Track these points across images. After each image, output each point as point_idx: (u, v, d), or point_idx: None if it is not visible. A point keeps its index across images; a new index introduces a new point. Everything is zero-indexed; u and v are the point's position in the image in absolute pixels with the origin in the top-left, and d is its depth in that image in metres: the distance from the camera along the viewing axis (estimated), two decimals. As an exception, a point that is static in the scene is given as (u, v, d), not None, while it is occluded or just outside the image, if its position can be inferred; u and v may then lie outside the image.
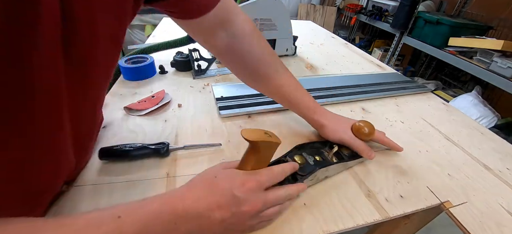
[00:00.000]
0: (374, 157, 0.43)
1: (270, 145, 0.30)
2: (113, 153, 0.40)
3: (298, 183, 0.35)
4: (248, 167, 0.30)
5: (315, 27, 1.36)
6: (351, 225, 0.34)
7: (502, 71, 1.46)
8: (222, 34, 0.42)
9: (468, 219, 0.37)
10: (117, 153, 0.40)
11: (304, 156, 0.39)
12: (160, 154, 0.41)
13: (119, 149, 0.40)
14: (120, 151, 0.39)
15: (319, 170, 0.37)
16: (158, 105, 0.53)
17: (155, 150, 0.40)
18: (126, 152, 0.40)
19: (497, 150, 0.53)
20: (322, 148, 0.43)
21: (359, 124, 0.43)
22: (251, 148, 0.29)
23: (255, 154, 0.29)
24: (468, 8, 2.08)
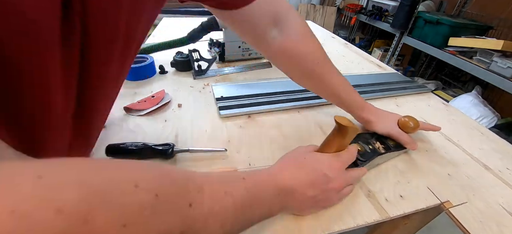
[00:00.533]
0: (417, 147, 0.46)
1: (354, 131, 0.33)
2: (120, 150, 0.40)
3: (362, 168, 0.38)
4: (333, 149, 0.34)
5: (315, 27, 1.36)
6: (351, 225, 0.34)
7: (502, 71, 1.46)
8: (273, 32, 0.40)
9: (468, 219, 0.37)
10: (124, 151, 0.40)
11: (361, 144, 0.42)
12: (165, 155, 0.41)
13: (126, 148, 0.40)
14: (127, 149, 0.40)
15: (376, 157, 0.41)
16: (158, 105, 0.53)
17: (161, 151, 0.41)
18: (133, 151, 0.40)
19: (497, 150, 0.53)
20: (370, 139, 0.46)
21: (405, 119, 0.47)
22: (339, 133, 0.33)
23: (341, 138, 0.33)
24: (468, 8, 2.08)
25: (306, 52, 0.43)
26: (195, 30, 0.71)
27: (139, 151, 0.40)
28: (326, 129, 0.53)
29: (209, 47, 0.87)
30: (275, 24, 0.40)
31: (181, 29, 1.05)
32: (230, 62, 0.80)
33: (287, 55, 0.43)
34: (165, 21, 1.19)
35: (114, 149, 0.40)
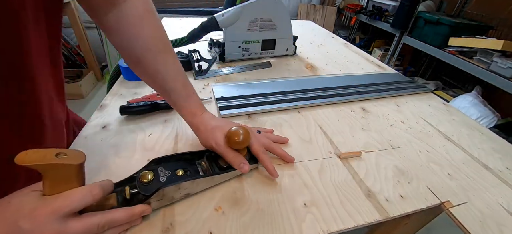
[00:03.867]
0: (246, 170, 0.37)
1: (63, 168, 0.24)
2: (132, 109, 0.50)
3: (137, 205, 0.30)
4: (47, 193, 0.25)
5: (315, 27, 1.36)
6: (351, 225, 0.34)
7: (502, 71, 1.46)
8: (112, 11, 0.37)
9: (468, 219, 0.37)
10: None
11: (158, 172, 0.34)
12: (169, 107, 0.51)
13: None
14: None
15: (166, 188, 0.32)
16: (159, 102, 0.53)
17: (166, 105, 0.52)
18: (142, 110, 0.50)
19: (497, 150, 0.53)
20: (197, 159, 0.39)
21: (230, 131, 0.37)
22: (42, 173, 0.24)
23: (46, 179, 0.25)
24: (468, 8, 2.08)
25: (137, 35, 0.38)
26: (195, 30, 0.71)
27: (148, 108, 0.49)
28: (326, 129, 0.53)
29: (209, 47, 0.87)
30: (113, 5, 0.37)
31: (181, 29, 1.05)
32: (230, 62, 0.80)
33: (119, 36, 0.38)
34: (165, 21, 1.19)
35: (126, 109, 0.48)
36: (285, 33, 0.85)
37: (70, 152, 0.25)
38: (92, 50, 2.09)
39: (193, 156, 0.40)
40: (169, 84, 0.40)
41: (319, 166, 0.43)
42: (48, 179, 0.25)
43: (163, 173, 0.34)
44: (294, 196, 0.37)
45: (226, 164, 0.38)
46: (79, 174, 0.26)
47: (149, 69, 0.40)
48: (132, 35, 0.38)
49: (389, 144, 0.50)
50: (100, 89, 2.08)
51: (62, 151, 0.25)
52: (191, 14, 2.26)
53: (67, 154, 0.25)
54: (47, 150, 0.24)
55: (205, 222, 0.32)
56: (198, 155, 0.40)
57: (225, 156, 0.37)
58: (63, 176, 0.25)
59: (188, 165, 0.37)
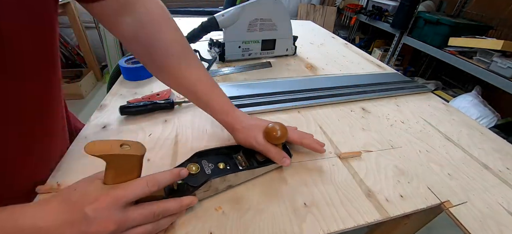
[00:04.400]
0: (288, 163, 0.39)
1: (126, 158, 0.26)
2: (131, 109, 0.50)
3: (186, 196, 0.31)
4: (109, 182, 0.26)
5: (315, 27, 1.36)
6: (351, 225, 0.34)
7: (502, 71, 1.46)
8: (127, 20, 0.37)
9: (468, 219, 0.37)
10: None
11: (202, 164, 0.36)
12: None
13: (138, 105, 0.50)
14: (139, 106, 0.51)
15: (213, 180, 0.33)
16: (159, 102, 0.53)
17: (164, 105, 0.52)
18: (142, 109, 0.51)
19: (497, 150, 0.53)
20: (233, 154, 0.40)
21: (268, 128, 0.39)
22: (105, 162, 0.26)
23: (110, 169, 0.26)
24: (468, 8, 2.08)
25: (157, 38, 0.38)
26: (195, 30, 0.71)
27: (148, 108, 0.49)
28: (326, 129, 0.53)
29: (209, 47, 0.87)
30: (127, 12, 0.37)
31: (181, 29, 1.05)
32: (230, 62, 0.80)
33: (139, 44, 0.39)
34: (165, 21, 1.19)
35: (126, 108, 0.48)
36: (285, 33, 0.85)
37: (132, 143, 0.27)
38: (92, 50, 2.10)
39: (229, 150, 0.41)
40: (197, 87, 0.41)
41: (319, 166, 0.43)
42: (111, 168, 0.26)
43: (207, 166, 0.36)
44: (294, 196, 0.37)
45: (263, 158, 0.40)
46: (139, 164, 0.28)
47: (173, 75, 0.41)
48: (151, 42, 0.38)
49: (389, 144, 0.50)
50: (100, 89, 2.08)
51: (126, 142, 0.26)
52: (191, 14, 2.26)
53: (130, 145, 0.26)
54: (112, 141, 0.26)
55: (205, 222, 0.32)
56: (234, 149, 0.42)
57: (267, 152, 0.39)
58: (125, 166, 0.27)
59: (227, 159, 0.39)
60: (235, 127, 0.41)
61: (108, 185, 0.26)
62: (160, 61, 0.40)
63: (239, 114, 0.43)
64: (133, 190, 0.26)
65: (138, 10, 0.37)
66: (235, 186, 0.37)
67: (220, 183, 0.35)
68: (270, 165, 0.40)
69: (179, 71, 0.40)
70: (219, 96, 0.43)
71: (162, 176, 0.29)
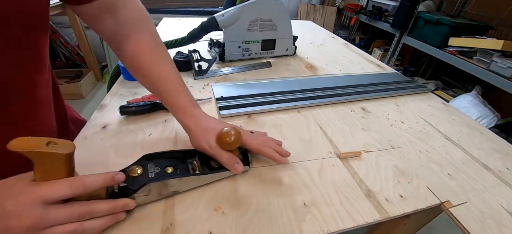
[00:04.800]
0: (240, 170, 0.37)
1: (51, 157, 0.25)
2: None
3: (120, 199, 0.30)
4: (37, 180, 0.26)
5: (315, 27, 1.36)
6: (351, 225, 0.34)
7: (502, 71, 1.46)
8: (107, 21, 0.40)
9: (468, 219, 0.37)
10: None
11: (147, 167, 0.34)
12: None
13: None
14: None
15: (152, 184, 0.32)
16: (159, 102, 0.53)
17: None
18: None
19: (497, 150, 0.53)
20: (189, 158, 0.39)
21: (221, 132, 0.37)
22: (33, 160, 0.25)
23: (36, 166, 0.26)
24: (468, 8, 2.08)
25: (131, 40, 0.41)
26: (195, 30, 0.71)
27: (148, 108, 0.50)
28: (326, 129, 0.53)
29: (209, 47, 0.87)
30: (110, 13, 0.39)
31: (181, 29, 1.05)
32: (230, 62, 0.80)
33: (115, 42, 0.41)
34: (165, 21, 1.19)
35: None
36: (285, 33, 0.85)
37: (60, 141, 0.26)
38: (92, 50, 2.09)
39: (185, 154, 0.40)
40: (161, 86, 0.41)
41: (319, 166, 0.43)
42: (38, 166, 0.26)
43: (152, 169, 0.35)
44: (294, 196, 0.37)
45: (217, 164, 0.38)
46: (67, 163, 0.27)
47: (142, 73, 0.42)
48: (124, 41, 0.41)
49: (389, 144, 0.50)
50: (100, 89, 2.08)
51: (53, 140, 0.26)
52: (191, 14, 2.26)
53: (57, 143, 0.26)
54: (39, 138, 0.25)
55: (205, 222, 0.32)
56: (190, 153, 0.40)
57: (219, 158, 0.37)
58: (52, 164, 0.26)
59: (179, 163, 0.37)
60: (190, 128, 0.40)
61: (35, 182, 0.26)
62: (131, 59, 0.42)
63: (198, 116, 0.41)
64: (56, 189, 0.26)
65: (118, 12, 0.40)
66: (181, 193, 0.36)
67: (162, 187, 0.34)
68: (223, 171, 0.38)
69: (148, 70, 0.41)
70: (180, 96, 0.41)
71: (92, 179, 0.28)
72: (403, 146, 0.50)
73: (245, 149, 0.41)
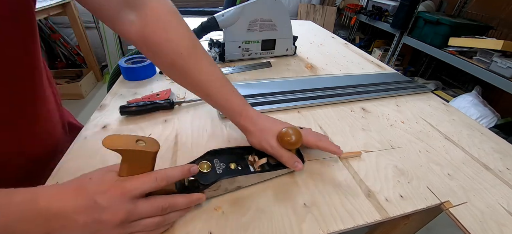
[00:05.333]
0: (301, 168, 0.38)
1: (141, 154, 0.26)
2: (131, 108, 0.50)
3: (194, 193, 0.32)
4: (123, 175, 0.27)
5: (315, 27, 1.36)
6: (351, 225, 0.34)
7: (502, 71, 1.46)
8: (131, 18, 0.36)
9: (468, 219, 0.37)
10: None
11: (214, 163, 0.36)
12: None
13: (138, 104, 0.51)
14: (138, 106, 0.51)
15: (223, 180, 0.34)
16: (159, 102, 0.53)
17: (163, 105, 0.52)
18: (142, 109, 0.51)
19: (497, 150, 0.53)
20: (247, 154, 0.40)
21: (282, 132, 0.38)
22: (123, 159, 0.27)
23: (125, 163, 0.27)
24: (468, 8, 2.08)
25: (166, 41, 0.37)
26: (195, 30, 0.71)
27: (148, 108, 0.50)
28: (326, 129, 0.53)
29: (209, 47, 0.87)
30: (131, 7, 0.35)
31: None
32: (230, 62, 0.80)
33: (146, 43, 0.37)
34: (165, 21, 1.19)
35: None
36: (285, 33, 0.85)
37: (147, 139, 0.27)
38: (92, 50, 2.10)
39: (243, 150, 0.41)
40: (208, 88, 0.40)
41: (319, 166, 0.43)
42: (126, 163, 0.27)
43: (218, 165, 0.36)
44: (294, 196, 0.37)
45: (275, 161, 0.39)
46: (153, 160, 0.29)
47: (183, 75, 0.40)
48: (158, 41, 0.37)
49: (389, 144, 0.50)
50: (100, 89, 2.08)
51: (141, 138, 0.27)
52: (191, 14, 2.26)
53: (145, 141, 0.27)
54: (129, 135, 0.27)
55: (205, 222, 0.32)
56: (247, 150, 0.41)
57: (279, 157, 0.38)
58: (139, 161, 0.27)
59: (239, 159, 0.39)
60: (249, 129, 0.41)
61: (122, 177, 0.27)
62: (169, 61, 0.38)
63: (253, 115, 0.41)
64: (143, 183, 0.27)
65: (142, 6, 0.36)
66: (244, 188, 0.37)
67: (230, 183, 0.35)
68: (282, 169, 0.39)
69: (189, 71, 0.39)
70: (231, 96, 0.41)
71: (172, 171, 0.29)
72: (403, 146, 0.50)
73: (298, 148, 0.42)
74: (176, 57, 0.38)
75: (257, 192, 0.37)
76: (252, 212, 0.34)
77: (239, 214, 0.34)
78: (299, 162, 0.39)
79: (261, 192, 0.37)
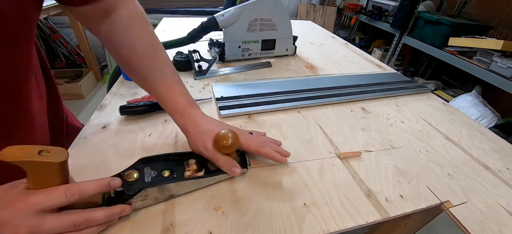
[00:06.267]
0: (238, 173, 0.37)
1: (43, 165, 0.25)
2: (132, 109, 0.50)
3: (117, 205, 0.30)
4: (31, 188, 0.26)
5: (315, 27, 1.36)
6: (351, 225, 0.34)
7: (502, 71, 1.46)
8: (105, 22, 0.38)
9: (468, 219, 0.37)
10: None
11: (143, 172, 0.34)
12: None
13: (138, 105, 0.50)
14: None
15: (148, 189, 0.32)
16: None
17: None
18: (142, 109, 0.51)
19: (497, 150, 0.53)
20: (186, 160, 0.38)
21: (218, 135, 0.36)
22: (25, 169, 0.25)
23: (29, 175, 0.25)
24: (468, 8, 2.08)
25: (126, 40, 0.39)
26: (195, 30, 0.71)
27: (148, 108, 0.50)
28: (326, 129, 0.53)
29: (209, 47, 0.87)
30: (107, 15, 0.38)
31: (181, 29, 1.05)
32: (230, 62, 0.80)
33: (110, 43, 0.40)
34: (165, 21, 1.19)
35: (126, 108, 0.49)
36: (285, 33, 0.85)
37: (53, 149, 0.25)
38: (92, 50, 2.09)
39: (182, 156, 0.39)
40: (157, 85, 0.40)
41: (319, 166, 0.43)
42: (31, 175, 0.25)
43: (148, 173, 0.34)
44: (294, 196, 0.37)
45: (215, 166, 0.38)
46: (61, 171, 0.27)
47: (137, 72, 0.41)
48: (119, 41, 0.39)
49: (389, 144, 0.50)
50: (100, 89, 2.08)
51: (45, 148, 0.25)
52: (191, 14, 2.26)
53: (49, 151, 0.25)
54: (31, 146, 0.25)
55: (205, 222, 0.32)
56: (187, 155, 0.39)
57: (215, 161, 0.37)
58: (45, 173, 0.25)
59: (176, 166, 0.37)
60: (187, 130, 0.39)
61: (29, 190, 0.26)
62: (125, 58, 0.40)
63: (196, 117, 0.40)
64: (49, 197, 0.25)
65: (114, 13, 0.38)
66: (178, 196, 0.35)
67: (159, 192, 0.33)
68: (221, 175, 0.37)
69: (142, 68, 0.40)
70: (177, 96, 0.41)
71: (87, 185, 0.28)
72: (403, 146, 0.50)
73: (243, 151, 0.41)
74: (130, 53, 0.39)
75: (257, 191, 0.37)
76: (252, 212, 0.34)
77: (239, 214, 0.34)
78: (237, 166, 0.37)
79: (261, 192, 0.37)
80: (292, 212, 0.35)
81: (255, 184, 0.39)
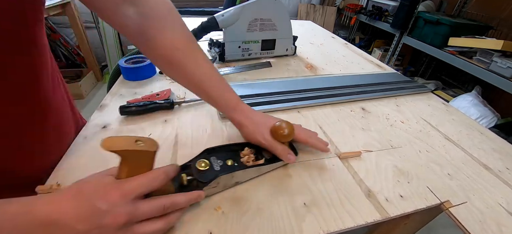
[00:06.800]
0: (293, 160, 0.40)
1: (141, 154, 0.26)
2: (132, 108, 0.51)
3: (194, 191, 0.32)
4: (123, 177, 0.27)
5: (315, 27, 1.36)
6: (351, 225, 0.34)
7: (502, 71, 1.46)
8: (129, 11, 0.36)
9: (468, 219, 0.37)
10: None
11: (211, 161, 0.37)
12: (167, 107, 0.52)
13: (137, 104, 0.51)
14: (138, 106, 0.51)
15: (221, 177, 0.34)
16: (159, 102, 0.53)
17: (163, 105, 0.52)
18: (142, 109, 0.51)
19: (497, 150, 0.53)
20: (240, 150, 0.41)
21: (276, 125, 0.39)
22: (120, 158, 0.26)
23: (125, 164, 0.27)
24: (468, 8, 2.08)
25: (163, 36, 0.38)
26: (195, 30, 0.71)
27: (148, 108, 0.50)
28: (326, 129, 0.53)
29: (209, 47, 0.87)
30: (130, 3, 0.36)
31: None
32: (230, 62, 0.80)
33: (144, 38, 0.38)
34: (165, 21, 1.19)
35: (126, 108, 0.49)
36: (285, 33, 0.85)
37: (145, 140, 0.27)
38: (92, 50, 2.10)
39: (237, 147, 0.42)
40: (203, 83, 0.41)
41: (319, 166, 0.43)
42: (125, 164, 0.27)
43: (216, 162, 0.37)
44: (294, 196, 0.37)
45: (270, 155, 0.40)
46: (152, 160, 0.29)
47: (179, 71, 0.41)
48: (155, 36, 0.38)
49: (389, 144, 0.50)
50: (100, 89, 2.08)
51: (140, 139, 0.27)
52: (191, 14, 2.26)
53: (143, 141, 0.27)
54: (128, 136, 0.26)
55: (205, 222, 0.32)
56: (242, 146, 0.42)
57: (273, 150, 0.40)
58: (139, 161, 0.27)
59: (234, 155, 0.39)
60: (243, 123, 0.42)
61: (120, 179, 0.27)
62: (165, 57, 0.39)
63: (246, 110, 0.43)
64: (142, 183, 0.27)
65: (141, 1, 0.36)
66: (242, 183, 0.38)
67: (228, 179, 0.36)
68: (277, 162, 0.40)
69: (185, 67, 0.40)
70: (225, 92, 0.43)
71: (168, 168, 0.30)
72: (403, 146, 0.50)
73: (291, 141, 0.43)
74: (172, 52, 0.39)
75: (257, 191, 0.37)
76: (252, 212, 0.34)
77: (239, 213, 0.34)
78: (292, 154, 0.40)
79: (261, 192, 0.37)
80: (292, 212, 0.35)
81: (255, 184, 0.39)
